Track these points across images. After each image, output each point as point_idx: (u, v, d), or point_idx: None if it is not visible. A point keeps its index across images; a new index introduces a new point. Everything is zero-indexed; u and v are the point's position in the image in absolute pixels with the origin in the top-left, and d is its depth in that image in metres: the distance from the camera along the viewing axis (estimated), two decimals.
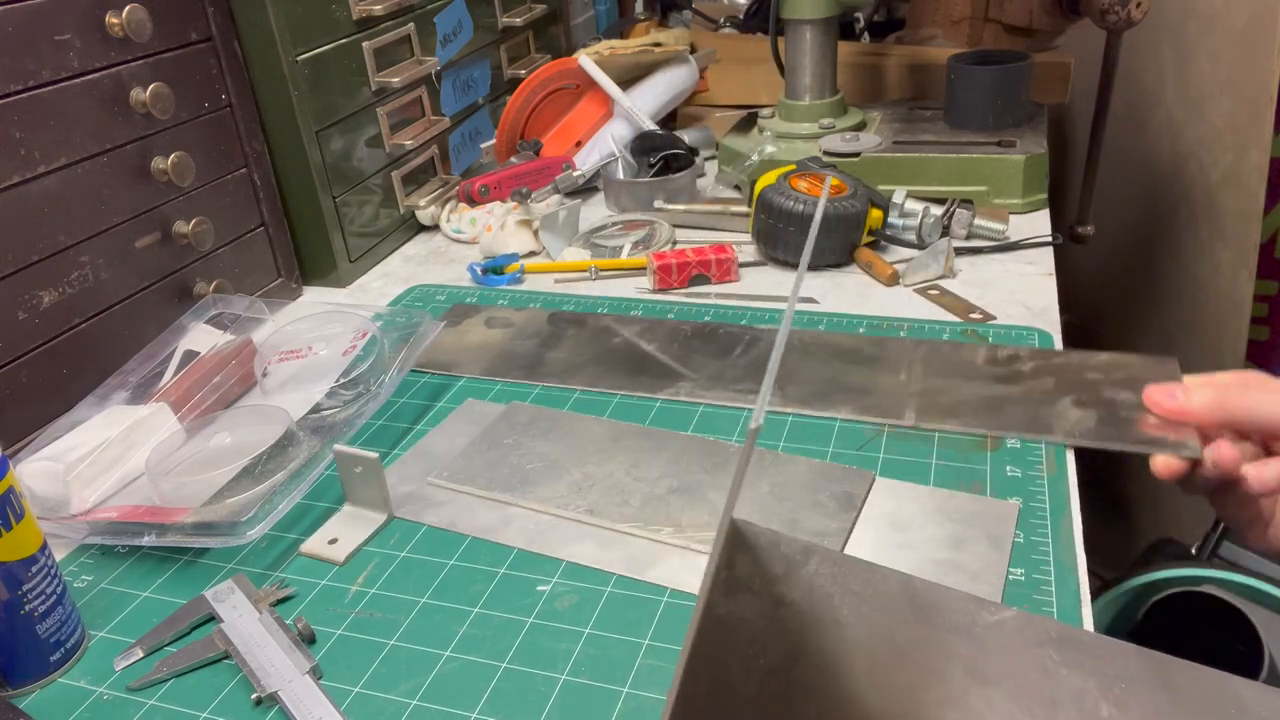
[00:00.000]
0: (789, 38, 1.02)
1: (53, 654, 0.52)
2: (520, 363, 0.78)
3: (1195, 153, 1.16)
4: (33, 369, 0.69)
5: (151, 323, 0.78)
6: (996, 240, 0.91)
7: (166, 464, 0.66)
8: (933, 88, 1.15)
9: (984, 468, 0.61)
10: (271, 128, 0.89)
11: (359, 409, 0.70)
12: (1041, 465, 0.61)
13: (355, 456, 0.61)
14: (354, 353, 0.76)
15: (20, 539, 0.50)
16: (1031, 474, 0.60)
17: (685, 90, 1.22)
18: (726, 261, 0.88)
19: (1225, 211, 1.10)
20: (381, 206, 1.01)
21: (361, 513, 0.62)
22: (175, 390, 0.72)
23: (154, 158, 0.77)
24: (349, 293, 0.96)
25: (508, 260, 0.94)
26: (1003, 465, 0.61)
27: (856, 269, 0.89)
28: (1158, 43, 1.24)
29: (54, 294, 0.70)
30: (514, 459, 0.66)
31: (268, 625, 0.53)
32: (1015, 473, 0.60)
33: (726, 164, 1.08)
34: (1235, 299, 1.09)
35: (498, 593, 0.55)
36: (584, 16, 1.46)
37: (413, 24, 1.01)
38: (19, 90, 0.67)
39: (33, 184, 0.68)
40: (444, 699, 0.49)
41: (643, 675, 0.49)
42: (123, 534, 0.59)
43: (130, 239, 0.76)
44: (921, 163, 0.97)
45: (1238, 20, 1.05)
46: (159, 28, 0.76)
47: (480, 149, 1.17)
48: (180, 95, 0.79)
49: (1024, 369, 0.70)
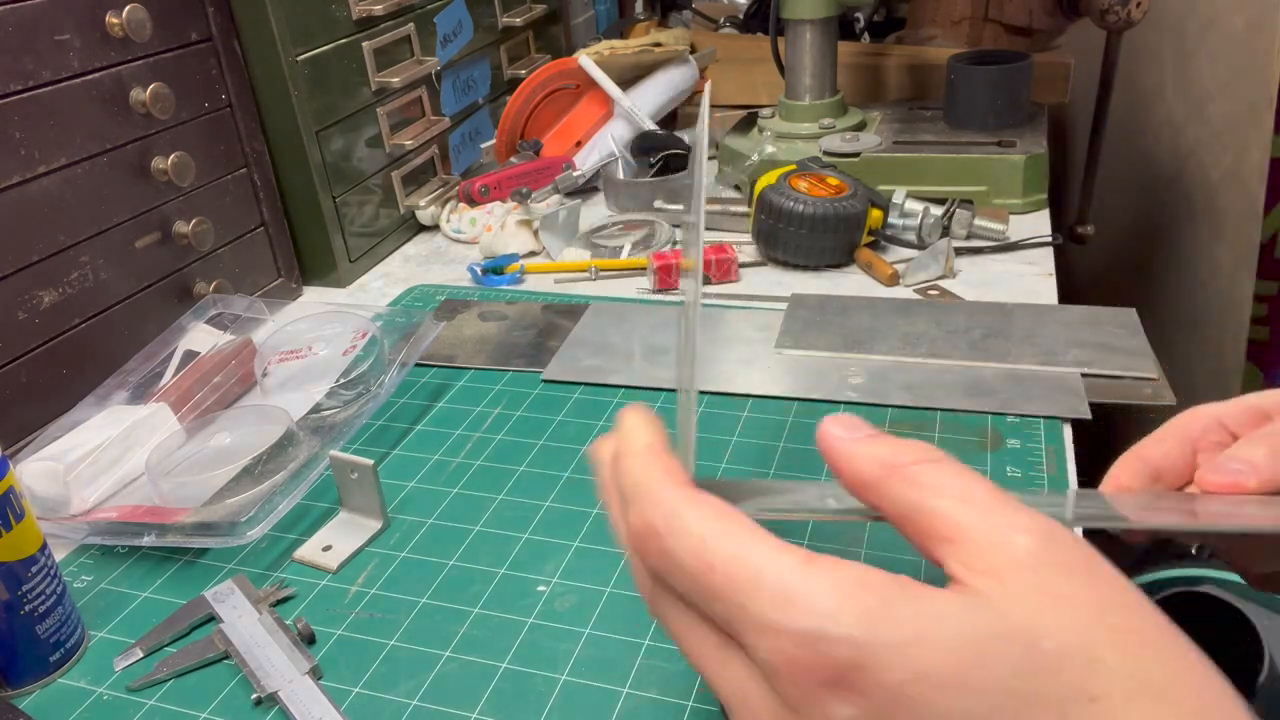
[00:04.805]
0: (789, 38, 1.02)
1: (52, 654, 0.52)
2: (522, 352, 0.79)
3: (1195, 153, 1.16)
4: (33, 369, 0.69)
5: (151, 323, 0.78)
6: (996, 240, 0.91)
7: (166, 464, 0.66)
8: (933, 88, 1.15)
9: (984, 468, 0.61)
10: (271, 128, 0.89)
11: (359, 409, 0.70)
12: (1042, 465, 0.61)
13: (350, 463, 0.60)
14: (354, 353, 0.76)
15: (20, 539, 0.50)
16: (1031, 474, 0.60)
17: (685, 90, 1.22)
18: (726, 261, 0.88)
19: (1225, 211, 1.10)
20: (381, 206, 1.01)
21: (356, 519, 0.62)
22: (175, 390, 0.72)
23: (154, 158, 0.77)
24: (349, 293, 0.96)
25: (508, 260, 0.94)
26: (1003, 465, 0.61)
27: (856, 269, 0.89)
28: (1158, 43, 1.24)
29: (54, 294, 0.70)
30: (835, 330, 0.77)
31: (268, 625, 0.53)
32: (1015, 473, 0.60)
33: (726, 164, 1.08)
34: (1235, 299, 1.09)
35: (497, 593, 0.55)
36: (584, 16, 1.46)
37: (413, 24, 1.01)
38: (19, 90, 0.67)
39: (33, 184, 0.68)
40: (444, 699, 0.49)
41: (643, 675, 0.49)
42: (123, 534, 0.59)
43: (130, 239, 0.76)
44: (921, 163, 0.97)
45: (1238, 20, 1.05)
46: (159, 28, 0.76)
47: (480, 149, 1.17)
48: (180, 95, 0.79)
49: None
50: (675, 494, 0.29)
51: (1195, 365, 1.17)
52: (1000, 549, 0.26)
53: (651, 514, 0.29)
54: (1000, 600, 0.25)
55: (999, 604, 0.25)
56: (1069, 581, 0.26)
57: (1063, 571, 0.26)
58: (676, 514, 0.28)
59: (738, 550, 0.27)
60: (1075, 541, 0.27)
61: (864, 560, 0.54)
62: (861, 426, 0.31)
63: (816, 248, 0.87)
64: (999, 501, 0.27)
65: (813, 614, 0.25)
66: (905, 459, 0.29)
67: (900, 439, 0.30)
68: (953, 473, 0.28)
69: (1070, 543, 0.27)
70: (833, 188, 0.88)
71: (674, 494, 0.29)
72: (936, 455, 0.29)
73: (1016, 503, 0.28)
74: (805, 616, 0.25)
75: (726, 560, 0.27)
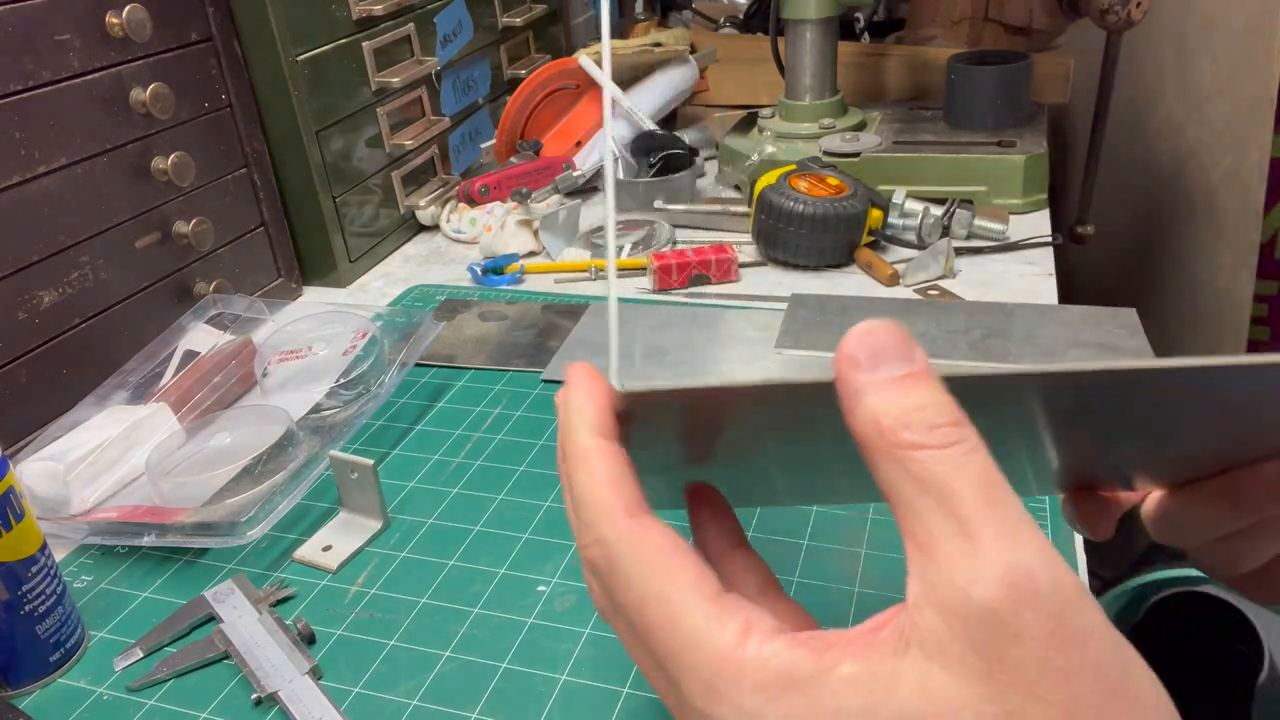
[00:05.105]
0: (789, 38, 1.02)
1: (52, 654, 0.52)
2: (522, 352, 0.79)
3: (1195, 153, 1.16)
4: (33, 369, 0.69)
5: (151, 323, 0.78)
6: (996, 240, 0.91)
7: (166, 464, 0.66)
8: (933, 88, 1.15)
9: None
10: (271, 128, 0.89)
11: (359, 409, 0.70)
12: None
13: (350, 463, 0.61)
14: (354, 353, 0.76)
15: (20, 539, 0.50)
16: None
17: (685, 90, 1.22)
18: (726, 261, 0.88)
19: (1225, 211, 1.10)
20: (381, 206, 1.01)
21: (356, 519, 0.62)
22: (175, 390, 0.72)
23: (154, 158, 0.77)
24: (349, 293, 0.96)
25: (508, 260, 0.94)
26: None
27: (856, 269, 0.89)
28: (1158, 43, 1.24)
29: (54, 294, 0.70)
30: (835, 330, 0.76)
31: (267, 625, 0.53)
32: None
33: (726, 164, 1.08)
34: (1235, 299, 1.09)
35: (497, 593, 0.55)
36: (584, 16, 1.46)
37: (413, 24, 1.01)
38: (19, 90, 0.67)
39: (33, 184, 0.68)
40: (444, 699, 0.49)
41: (642, 675, 0.49)
42: (123, 534, 0.59)
43: (130, 239, 0.76)
44: (921, 163, 0.97)
45: (1237, 20, 1.05)
46: (159, 28, 0.76)
47: (480, 149, 1.17)
48: (180, 95, 0.79)
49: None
50: (616, 532, 0.28)
51: None
52: (960, 591, 0.23)
53: (594, 551, 0.28)
54: (919, 665, 0.23)
55: (913, 673, 0.23)
56: (1009, 669, 0.22)
57: (1008, 644, 0.22)
58: (618, 558, 0.28)
59: (673, 614, 0.26)
60: (1056, 603, 0.22)
61: (862, 560, 0.54)
62: (889, 355, 0.25)
63: (816, 248, 0.87)
64: (989, 522, 0.23)
65: (736, 712, 0.25)
66: (908, 435, 0.24)
67: (926, 393, 0.25)
68: (951, 467, 0.24)
69: (1049, 605, 0.22)
70: (833, 188, 0.88)
71: (614, 532, 0.28)
72: (947, 439, 0.24)
73: (1014, 522, 0.23)
74: (727, 710, 0.25)
75: (662, 624, 0.26)
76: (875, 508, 0.59)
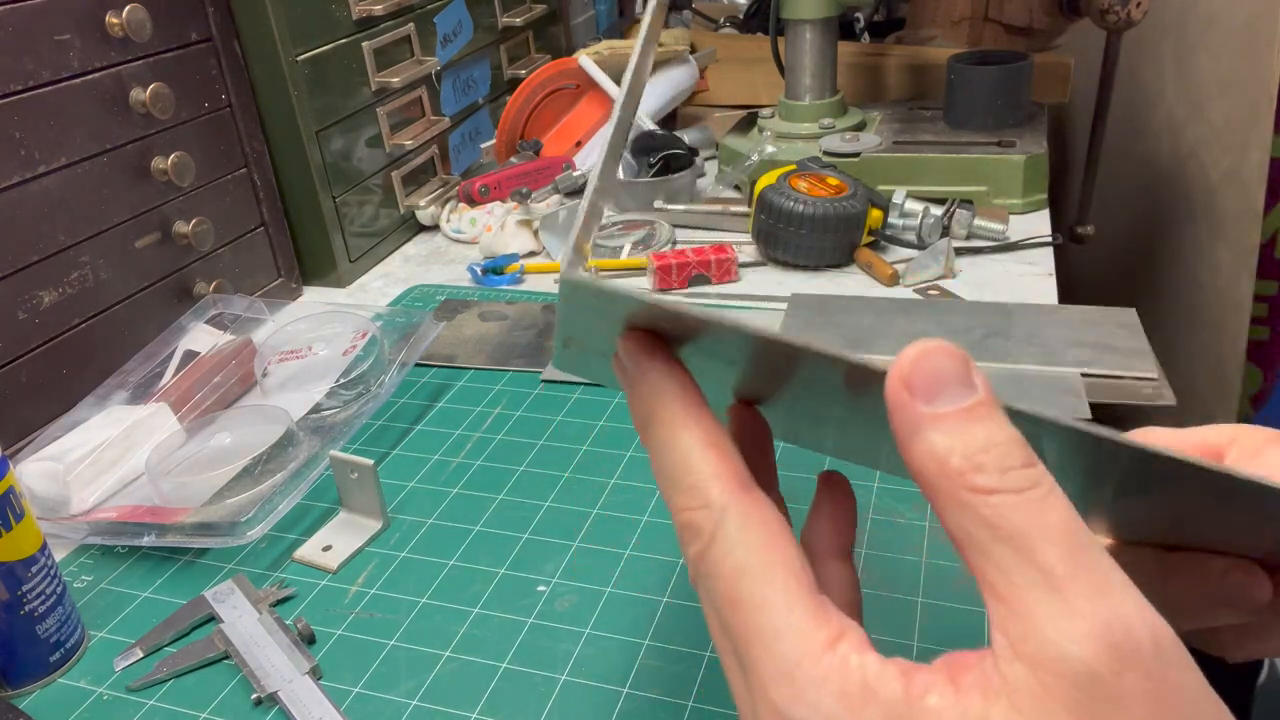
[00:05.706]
0: (789, 38, 1.02)
1: (52, 654, 0.52)
2: (522, 352, 0.79)
3: (1195, 153, 1.16)
4: (33, 369, 0.69)
5: (151, 323, 0.78)
6: (996, 240, 0.91)
7: (166, 464, 0.66)
8: (933, 88, 1.15)
9: None
10: (271, 128, 0.89)
11: (359, 409, 0.70)
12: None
13: (350, 463, 0.61)
14: (354, 353, 0.76)
15: (20, 539, 0.50)
16: None
17: (685, 90, 1.22)
18: (726, 262, 0.88)
19: (1225, 211, 1.10)
20: (381, 206, 1.01)
21: (356, 519, 0.62)
22: (175, 390, 0.72)
23: (154, 158, 0.77)
24: (349, 293, 0.96)
25: (508, 260, 0.94)
26: None
27: (856, 269, 0.89)
28: (1158, 42, 1.24)
29: (54, 294, 0.70)
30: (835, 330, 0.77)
31: (267, 625, 0.53)
32: None
33: (726, 164, 1.08)
34: (1235, 299, 1.09)
35: (497, 593, 0.55)
36: (584, 16, 1.46)
37: (413, 24, 1.01)
38: (19, 90, 0.67)
39: (33, 184, 0.68)
40: (444, 699, 0.49)
41: (643, 675, 0.49)
42: (123, 534, 0.59)
43: (130, 239, 0.76)
44: (921, 163, 0.97)
45: (1237, 20, 1.05)
46: (159, 28, 0.76)
47: (480, 149, 1.17)
48: (180, 95, 0.79)
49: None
50: (728, 499, 0.26)
51: (1195, 365, 1.17)
52: (1054, 647, 0.21)
53: (699, 515, 0.27)
54: (1011, 716, 0.22)
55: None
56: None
57: (1110, 708, 0.21)
58: (724, 524, 0.26)
59: (766, 598, 0.25)
60: (1158, 664, 0.21)
61: (863, 560, 0.54)
62: (948, 383, 0.23)
63: (817, 248, 0.87)
64: (1076, 574, 0.21)
65: (812, 711, 0.24)
66: (981, 479, 0.22)
67: (996, 429, 0.23)
68: (1030, 514, 0.22)
69: (1151, 665, 0.21)
70: (833, 188, 0.88)
71: (726, 499, 0.26)
72: (1022, 482, 0.22)
73: (1104, 572, 0.22)
74: (803, 710, 0.24)
75: (756, 604, 0.25)
76: (875, 508, 0.59)
